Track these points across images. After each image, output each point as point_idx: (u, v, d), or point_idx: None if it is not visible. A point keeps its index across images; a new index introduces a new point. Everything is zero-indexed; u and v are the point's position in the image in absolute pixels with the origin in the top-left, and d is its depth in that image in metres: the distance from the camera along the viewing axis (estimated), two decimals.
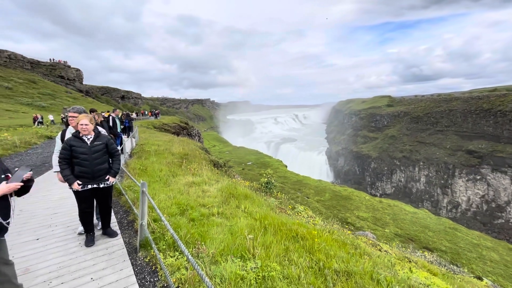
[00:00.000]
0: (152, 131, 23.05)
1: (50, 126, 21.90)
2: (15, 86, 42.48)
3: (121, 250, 3.31)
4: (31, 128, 18.85)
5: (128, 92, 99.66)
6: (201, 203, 5.08)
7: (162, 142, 13.33)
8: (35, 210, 4.66)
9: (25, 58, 55.18)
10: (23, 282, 2.67)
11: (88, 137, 3.19)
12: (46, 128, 19.16)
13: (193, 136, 37.99)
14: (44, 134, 15.14)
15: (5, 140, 11.84)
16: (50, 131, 16.95)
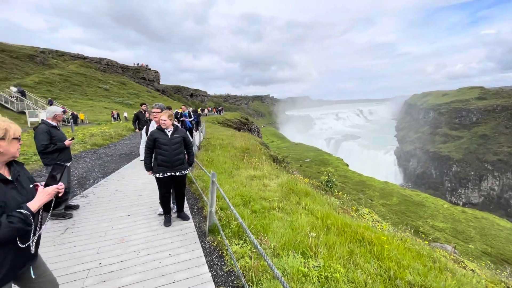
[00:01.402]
0: (216, 126, 24.74)
1: (124, 122, 25.73)
2: (111, 88, 51.23)
3: (193, 233, 3.67)
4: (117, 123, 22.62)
5: (196, 90, 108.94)
6: (262, 196, 5.23)
7: (225, 137, 14.20)
8: (126, 191, 5.57)
9: (118, 64, 65.91)
10: (120, 250, 3.24)
11: (169, 129, 3.64)
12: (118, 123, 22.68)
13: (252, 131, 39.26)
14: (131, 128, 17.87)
15: (104, 132, 14.49)
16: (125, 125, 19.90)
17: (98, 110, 33.30)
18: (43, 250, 3.25)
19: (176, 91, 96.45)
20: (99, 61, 61.59)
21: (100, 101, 42.16)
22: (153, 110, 4.01)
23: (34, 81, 38.33)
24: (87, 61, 59.15)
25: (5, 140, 1.40)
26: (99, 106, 36.71)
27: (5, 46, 46.26)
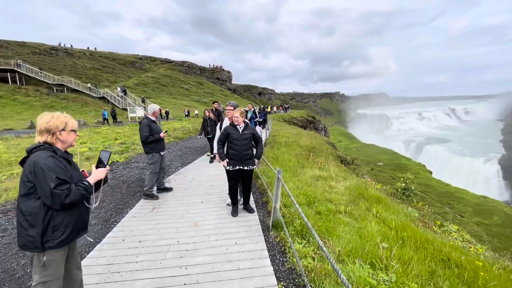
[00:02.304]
0: (282, 124, 24.90)
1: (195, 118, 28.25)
2: (190, 87, 57.45)
3: (257, 225, 3.83)
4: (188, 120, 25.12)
5: (264, 88, 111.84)
6: (328, 198, 5.03)
7: (290, 135, 14.17)
8: (200, 180, 6.20)
9: (197, 66, 73.32)
10: (194, 233, 3.64)
11: (240, 126, 3.89)
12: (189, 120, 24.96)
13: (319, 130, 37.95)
14: None
15: (184, 127, 16.41)
16: None
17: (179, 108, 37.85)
18: (138, 223, 3.94)
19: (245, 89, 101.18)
20: (182, 64, 69.82)
21: (181, 99, 47.86)
22: (227, 107, 4.34)
23: (133, 83, 46.28)
24: (173, 64, 67.82)
25: (65, 131, 1.76)
26: (181, 104, 41.71)
27: (116, 55, 57.20)
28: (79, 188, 1.66)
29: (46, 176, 1.54)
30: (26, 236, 1.60)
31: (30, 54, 40.13)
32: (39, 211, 1.60)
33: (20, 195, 1.63)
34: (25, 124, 18.77)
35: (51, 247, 1.64)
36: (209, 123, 8.06)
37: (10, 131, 15.94)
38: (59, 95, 29.97)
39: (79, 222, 1.79)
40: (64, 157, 1.74)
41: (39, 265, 1.64)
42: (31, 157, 1.61)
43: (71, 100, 29.69)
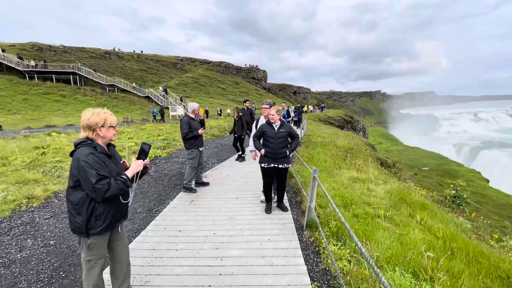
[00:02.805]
0: (318, 123, 24.27)
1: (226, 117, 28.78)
2: (227, 87, 59.00)
3: (291, 224, 3.82)
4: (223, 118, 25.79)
5: (299, 87, 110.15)
6: (366, 201, 4.80)
7: (326, 134, 13.76)
8: (235, 177, 6.36)
9: (233, 66, 74.96)
10: (229, 226, 3.77)
11: (276, 124, 3.90)
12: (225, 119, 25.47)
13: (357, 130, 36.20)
14: None
15: (220, 125, 16.95)
16: None
17: (216, 106, 39.13)
18: (178, 214, 4.20)
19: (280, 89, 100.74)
20: (219, 64, 72.00)
21: (218, 98, 49.43)
22: (263, 106, 4.39)
23: (175, 83, 49.05)
24: (211, 65, 70.30)
25: (104, 127, 1.88)
26: (217, 103, 43.10)
27: (160, 57, 61.18)
28: (118, 183, 1.80)
29: (87, 172, 1.70)
30: (74, 223, 1.82)
31: (88, 58, 44.94)
32: (84, 202, 1.79)
33: (68, 186, 1.83)
34: None
35: (94, 234, 1.84)
36: (236, 122, 7.91)
37: (71, 127, 18.09)
38: (111, 95, 33.10)
39: (118, 212, 1.97)
40: (104, 152, 1.88)
41: (85, 246, 1.87)
42: (75, 153, 1.79)
43: (120, 99, 32.59)
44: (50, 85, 30.66)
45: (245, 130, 7.69)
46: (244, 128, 7.67)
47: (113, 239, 2.11)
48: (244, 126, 7.65)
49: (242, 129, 7.71)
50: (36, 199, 4.64)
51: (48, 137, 11.56)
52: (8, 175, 5.70)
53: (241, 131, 7.74)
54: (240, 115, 7.69)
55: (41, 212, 4.25)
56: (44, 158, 7.66)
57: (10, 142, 9.84)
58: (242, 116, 7.67)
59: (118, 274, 2.18)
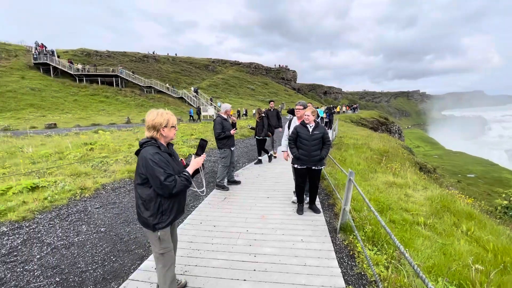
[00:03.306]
0: (350, 125, 23.45)
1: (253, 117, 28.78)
2: (256, 88, 59.48)
3: (323, 226, 3.78)
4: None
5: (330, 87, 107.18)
6: (403, 207, 4.57)
7: (360, 136, 13.26)
8: (266, 176, 6.44)
9: (263, 67, 75.31)
10: (261, 225, 3.84)
11: (311, 125, 3.89)
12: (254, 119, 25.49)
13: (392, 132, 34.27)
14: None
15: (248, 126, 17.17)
16: None
17: (245, 107, 39.66)
18: (212, 210, 4.38)
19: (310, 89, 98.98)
20: (249, 65, 72.82)
21: (247, 99, 50.04)
22: (296, 107, 4.39)
23: (206, 84, 50.69)
24: (241, 66, 71.38)
25: (167, 127, 1.98)
26: (246, 104, 43.65)
27: (193, 59, 63.66)
28: (182, 179, 1.94)
29: (155, 170, 1.82)
30: (143, 217, 1.97)
31: (128, 62, 48.33)
32: (152, 198, 1.93)
33: (136, 183, 1.97)
34: (124, 119, 22.78)
35: (161, 228, 1.98)
36: (257, 124, 7.54)
37: (113, 125, 19.63)
38: (148, 96, 35.26)
39: (180, 207, 2.12)
40: (167, 151, 2.00)
41: (155, 239, 2.00)
42: (142, 152, 1.91)
43: (156, 100, 34.57)
44: (96, 87, 33.54)
45: (265, 132, 7.40)
46: (264, 130, 7.39)
47: (171, 232, 2.26)
48: (265, 127, 7.36)
49: (262, 131, 7.43)
50: (87, 190, 5.15)
51: (95, 135, 12.70)
52: (65, 168, 6.40)
53: (261, 132, 7.47)
54: (262, 116, 7.42)
55: (92, 202, 4.71)
56: (92, 153, 8.44)
57: (64, 139, 11.00)
58: (264, 118, 7.43)
59: None
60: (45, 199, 4.54)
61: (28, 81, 29.50)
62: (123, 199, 4.89)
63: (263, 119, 7.37)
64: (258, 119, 7.49)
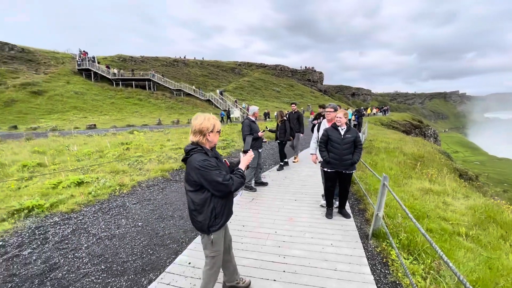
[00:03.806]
0: (380, 127, 22.45)
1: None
2: (281, 90, 59.32)
3: (354, 231, 3.68)
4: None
5: (359, 89, 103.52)
6: (442, 216, 4.30)
7: (391, 140, 12.66)
8: (293, 179, 6.41)
9: (289, 69, 74.96)
10: (289, 227, 3.85)
11: (342, 128, 3.82)
12: None
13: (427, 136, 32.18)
14: None
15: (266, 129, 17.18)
16: None
17: (270, 109, 39.72)
18: (240, 210, 4.48)
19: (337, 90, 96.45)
20: (275, 67, 72.89)
21: (272, 101, 50.08)
22: (327, 109, 4.33)
23: (232, 87, 51.62)
24: (266, 68, 71.71)
25: (213, 132, 2.01)
26: (272, 106, 43.68)
27: (220, 63, 65.27)
28: (238, 176, 2.01)
29: (211, 174, 1.87)
30: (197, 222, 2.04)
31: (160, 66, 50.86)
32: (205, 203, 1.99)
33: (188, 190, 2.02)
34: (155, 121, 23.99)
35: (214, 230, 2.05)
36: (278, 127, 7.16)
37: (146, 126, 20.76)
38: (177, 98, 36.77)
39: (230, 210, 2.19)
40: (213, 155, 2.04)
41: (208, 242, 2.08)
42: (191, 160, 1.94)
43: (185, 102, 35.93)
44: (131, 91, 35.74)
45: (287, 136, 7.09)
46: (287, 134, 7.02)
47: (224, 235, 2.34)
48: (287, 131, 7.05)
49: (284, 135, 7.04)
50: (125, 187, 5.52)
51: (130, 135, 13.54)
52: (105, 165, 6.92)
53: (283, 136, 7.06)
54: (284, 120, 7.07)
55: (129, 198, 5.05)
56: (128, 152, 9.01)
57: (104, 139, 11.87)
58: (286, 121, 7.11)
59: (229, 264, 2.41)
60: (89, 193, 4.96)
61: (72, 86, 32.29)
62: (157, 196, 5.17)
63: (285, 122, 7.06)
64: (279, 122, 7.10)
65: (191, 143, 2.00)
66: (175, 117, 27.12)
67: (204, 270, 2.16)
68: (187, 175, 1.97)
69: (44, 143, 10.61)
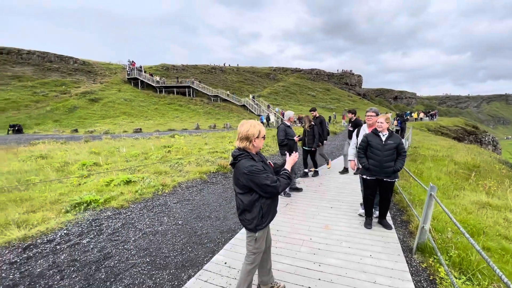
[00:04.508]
0: (426, 133, 20.67)
1: None
2: (317, 94, 58.16)
3: (396, 244, 3.45)
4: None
5: (402, 92, 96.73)
6: (502, 234, 3.81)
7: (440, 147, 11.58)
8: (329, 185, 6.24)
9: (325, 72, 73.30)
10: (325, 234, 3.75)
11: (384, 133, 3.64)
12: None
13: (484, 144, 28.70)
14: (331, 130, 19.39)
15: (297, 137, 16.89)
16: (335, 128, 21.30)
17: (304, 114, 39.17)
18: None
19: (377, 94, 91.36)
20: (310, 71, 71.86)
21: (307, 106, 49.28)
22: (368, 114, 4.16)
23: (267, 92, 52.08)
24: (302, 73, 71.02)
25: (258, 138, 2.09)
26: (306, 111, 43.01)
27: (255, 69, 66.45)
28: (284, 177, 2.10)
29: (260, 178, 1.97)
30: (246, 221, 2.16)
31: (199, 74, 53.58)
32: (254, 204, 2.10)
33: (237, 192, 2.15)
34: (194, 125, 25.25)
35: (260, 229, 2.16)
36: (306, 133, 6.78)
37: (185, 130, 21.97)
38: (214, 104, 38.27)
39: (275, 210, 2.28)
40: (260, 160, 2.14)
41: (253, 239, 2.19)
42: (240, 167, 2.04)
43: (221, 108, 37.21)
44: (172, 97, 38.22)
45: (316, 142, 6.69)
46: (315, 140, 6.67)
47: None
48: (316, 137, 6.68)
49: (313, 141, 6.66)
50: (167, 187, 5.91)
51: (172, 139, 14.45)
52: (149, 166, 7.49)
53: (312, 142, 6.68)
54: (312, 125, 6.69)
55: (170, 197, 5.39)
56: (170, 155, 9.63)
57: (148, 142, 12.86)
58: (315, 126, 6.70)
59: (266, 263, 2.49)
60: (136, 191, 5.41)
61: (122, 93, 35.66)
62: (195, 197, 5.44)
63: (313, 127, 6.67)
64: (308, 128, 6.69)
65: (237, 149, 2.11)
66: (212, 122, 28.24)
67: (244, 265, 2.26)
68: (236, 180, 2.09)
69: (99, 145, 11.86)
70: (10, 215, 4.08)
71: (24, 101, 29.16)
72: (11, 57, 37.35)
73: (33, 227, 3.75)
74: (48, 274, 2.81)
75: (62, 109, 28.96)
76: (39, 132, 21.93)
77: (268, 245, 2.45)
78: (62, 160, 8.12)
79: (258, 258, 2.24)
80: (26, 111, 27.57)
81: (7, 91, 30.15)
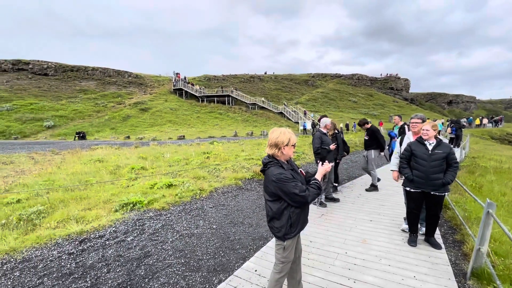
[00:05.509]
0: (489, 142, 18.16)
1: None
2: (359, 100, 55.46)
3: (446, 266, 3.07)
4: None
5: (458, 96, 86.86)
6: None
7: (505, 158, 10.06)
8: (368, 197, 5.85)
9: (367, 77, 69.66)
10: (362, 249, 3.52)
11: (430, 142, 3.31)
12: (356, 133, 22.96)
13: None
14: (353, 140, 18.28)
15: (350, 140, 16.10)
16: None
17: (345, 121, 37.55)
18: (308, 225, 4.35)
19: (428, 99, 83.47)
20: (351, 77, 68.95)
21: (348, 112, 47.27)
22: (413, 120, 3.84)
23: (305, 99, 51.37)
24: (342, 78, 68.54)
25: (288, 145, 2.05)
26: (347, 117, 41.24)
27: (293, 76, 66.24)
28: (314, 187, 2.05)
29: (288, 186, 1.96)
30: (275, 228, 2.16)
31: (238, 83, 55.34)
32: (283, 212, 2.09)
33: (266, 199, 2.17)
34: (232, 133, 26.04)
35: (289, 238, 2.13)
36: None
37: (224, 138, 22.76)
38: (252, 112, 39.02)
39: (305, 219, 2.24)
40: (289, 167, 2.12)
41: (281, 248, 2.17)
42: (268, 173, 2.06)
43: (259, 115, 37.77)
44: (213, 106, 40.07)
45: (341, 152, 6.05)
46: (340, 150, 5.99)
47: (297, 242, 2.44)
48: (340, 146, 5.99)
49: (337, 151, 5.92)
50: (204, 192, 6.17)
51: (211, 145, 15.09)
52: (189, 171, 7.92)
53: (336, 153, 5.90)
54: (336, 133, 5.95)
55: (207, 201, 5.61)
56: (208, 161, 10.06)
57: (190, 148, 13.62)
58: (338, 134, 6.01)
59: (295, 274, 2.45)
60: (176, 195, 5.76)
61: (168, 103, 38.57)
62: (230, 203, 5.57)
63: (337, 136, 5.91)
64: (331, 136, 5.82)
65: (267, 156, 2.12)
66: (249, 129, 28.78)
67: (272, 273, 2.24)
68: (266, 186, 2.10)
69: (147, 150, 12.94)
70: (71, 211, 4.67)
71: (87, 111, 33.40)
72: (79, 74, 43.31)
73: (88, 223, 4.23)
74: (98, 266, 3.13)
75: (117, 118, 32.40)
76: (99, 139, 24.81)
77: (298, 255, 2.39)
78: (115, 164, 9.05)
79: (286, 268, 2.20)
80: (89, 120, 31.52)
81: (75, 103, 34.93)
